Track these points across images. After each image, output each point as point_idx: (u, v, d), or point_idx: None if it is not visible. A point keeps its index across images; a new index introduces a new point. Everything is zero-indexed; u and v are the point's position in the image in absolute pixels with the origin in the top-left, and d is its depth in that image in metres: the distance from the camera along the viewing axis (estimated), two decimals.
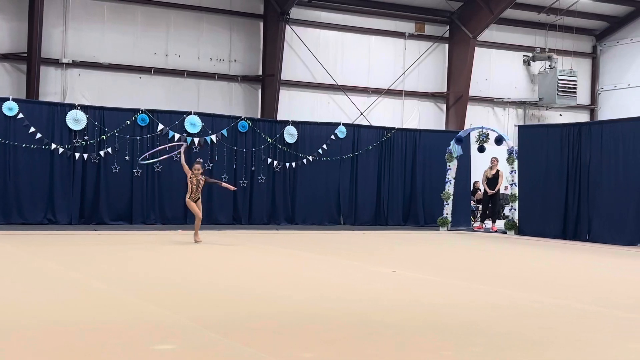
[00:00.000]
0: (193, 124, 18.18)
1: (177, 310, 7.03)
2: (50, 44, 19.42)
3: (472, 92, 24.50)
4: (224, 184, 14.75)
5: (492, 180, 19.59)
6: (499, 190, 19.77)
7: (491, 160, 19.73)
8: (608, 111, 26.15)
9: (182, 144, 14.93)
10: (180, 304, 7.40)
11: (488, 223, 20.15)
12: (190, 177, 13.55)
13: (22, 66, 19.18)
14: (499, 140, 19.55)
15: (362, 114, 23.12)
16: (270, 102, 21.56)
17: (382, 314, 7.19)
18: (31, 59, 18.78)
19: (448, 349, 5.92)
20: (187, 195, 13.62)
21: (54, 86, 19.61)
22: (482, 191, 20.43)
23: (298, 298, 8.05)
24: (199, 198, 13.62)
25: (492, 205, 20.03)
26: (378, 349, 5.80)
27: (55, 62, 19.55)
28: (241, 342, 5.79)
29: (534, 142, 18.52)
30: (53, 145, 16.81)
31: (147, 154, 15.98)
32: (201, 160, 14.27)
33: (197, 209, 13.58)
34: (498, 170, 19.58)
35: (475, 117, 24.58)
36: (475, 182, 21.93)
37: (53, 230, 15.65)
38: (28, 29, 18.90)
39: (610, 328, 6.91)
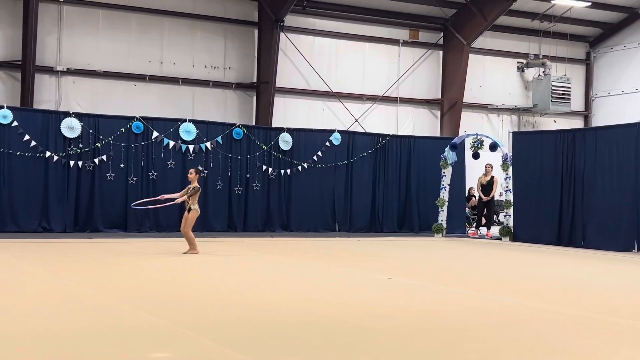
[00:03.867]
0: (188, 132, 18.18)
1: (171, 318, 7.02)
2: (45, 51, 19.41)
3: (467, 98, 24.54)
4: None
5: (487, 187, 19.62)
6: (493, 196, 19.79)
7: (486, 167, 19.75)
8: (602, 117, 26.22)
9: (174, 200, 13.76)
10: (174, 312, 7.38)
11: (483, 229, 20.16)
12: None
13: (16, 74, 19.14)
14: (494, 147, 19.59)
15: (356, 120, 23.14)
16: (264, 109, 21.56)
17: (376, 321, 7.19)
18: (26, 67, 18.74)
19: (442, 356, 5.92)
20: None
21: (48, 94, 19.58)
22: (477, 198, 20.45)
23: (292, 304, 8.04)
24: (188, 209, 13.12)
25: (487, 212, 20.04)
26: (370, 355, 5.80)
27: (49, 70, 19.53)
28: (234, 349, 5.79)
29: (529, 149, 18.57)
30: (47, 153, 16.78)
31: (141, 202, 15.40)
32: (200, 169, 13.93)
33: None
34: (492, 177, 19.61)
35: (470, 124, 24.62)
36: (470, 189, 21.95)
37: (47, 238, 15.60)
38: (22, 37, 18.86)
39: (604, 334, 6.92)
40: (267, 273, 11.05)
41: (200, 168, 14.22)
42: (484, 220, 20.18)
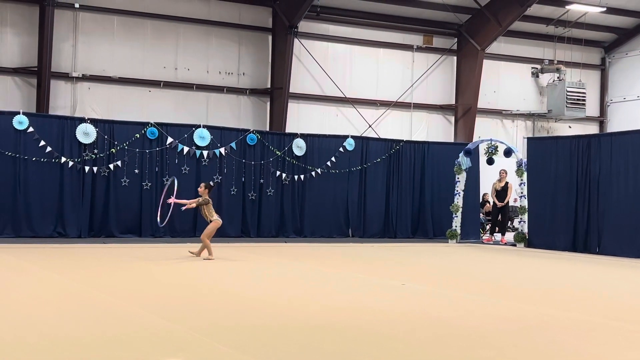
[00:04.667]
0: (202, 137, 18.24)
1: (186, 323, 7.03)
2: (60, 58, 19.54)
3: (481, 104, 24.49)
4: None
5: (501, 193, 19.55)
6: (508, 202, 19.72)
7: (500, 173, 19.69)
8: (617, 123, 26.08)
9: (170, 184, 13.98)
10: (189, 317, 7.40)
11: (497, 235, 20.08)
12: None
13: (32, 80, 19.28)
14: (508, 153, 19.52)
15: (370, 126, 23.14)
16: (278, 115, 21.60)
17: (390, 327, 7.18)
18: (41, 73, 18.89)
19: None
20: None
21: (64, 100, 19.71)
22: (491, 203, 20.38)
23: (306, 310, 8.04)
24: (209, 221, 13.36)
25: (502, 218, 19.97)
26: None
27: (65, 76, 19.66)
28: (248, 355, 5.79)
29: (543, 154, 18.49)
30: (63, 159, 16.88)
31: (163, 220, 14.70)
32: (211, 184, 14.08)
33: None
34: (507, 183, 19.54)
35: (484, 129, 24.56)
36: (485, 195, 21.88)
37: (62, 243, 15.69)
38: (38, 43, 19.02)
39: (619, 341, 6.88)
40: (281, 279, 11.06)
41: (211, 183, 14.23)
42: (498, 226, 20.10)
